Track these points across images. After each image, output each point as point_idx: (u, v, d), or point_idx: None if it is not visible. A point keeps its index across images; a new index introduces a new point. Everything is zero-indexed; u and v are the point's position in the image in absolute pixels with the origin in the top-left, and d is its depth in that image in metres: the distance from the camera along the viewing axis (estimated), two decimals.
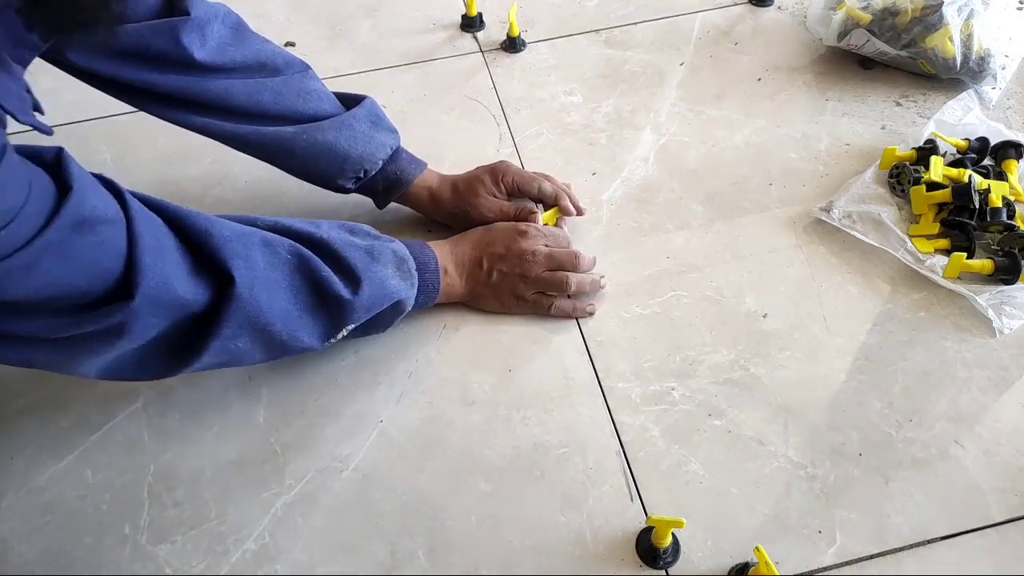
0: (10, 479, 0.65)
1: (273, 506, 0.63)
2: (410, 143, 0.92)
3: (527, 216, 0.76)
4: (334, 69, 1.02)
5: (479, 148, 0.91)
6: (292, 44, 1.07)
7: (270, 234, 0.58)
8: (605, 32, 1.06)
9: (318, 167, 0.74)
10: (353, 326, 0.63)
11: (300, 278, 0.58)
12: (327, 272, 0.59)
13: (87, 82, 0.68)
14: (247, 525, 0.62)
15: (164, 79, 0.67)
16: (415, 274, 0.67)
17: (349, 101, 0.76)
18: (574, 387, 0.69)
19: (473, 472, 0.64)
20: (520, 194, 0.78)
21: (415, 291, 0.67)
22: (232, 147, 0.73)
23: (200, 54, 0.66)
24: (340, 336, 0.63)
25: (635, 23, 1.07)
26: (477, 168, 0.79)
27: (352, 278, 0.60)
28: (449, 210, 0.79)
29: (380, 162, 0.75)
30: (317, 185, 0.77)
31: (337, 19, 1.11)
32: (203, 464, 0.65)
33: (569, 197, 0.79)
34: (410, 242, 0.69)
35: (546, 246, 0.73)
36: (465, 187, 0.78)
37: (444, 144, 0.91)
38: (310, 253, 0.59)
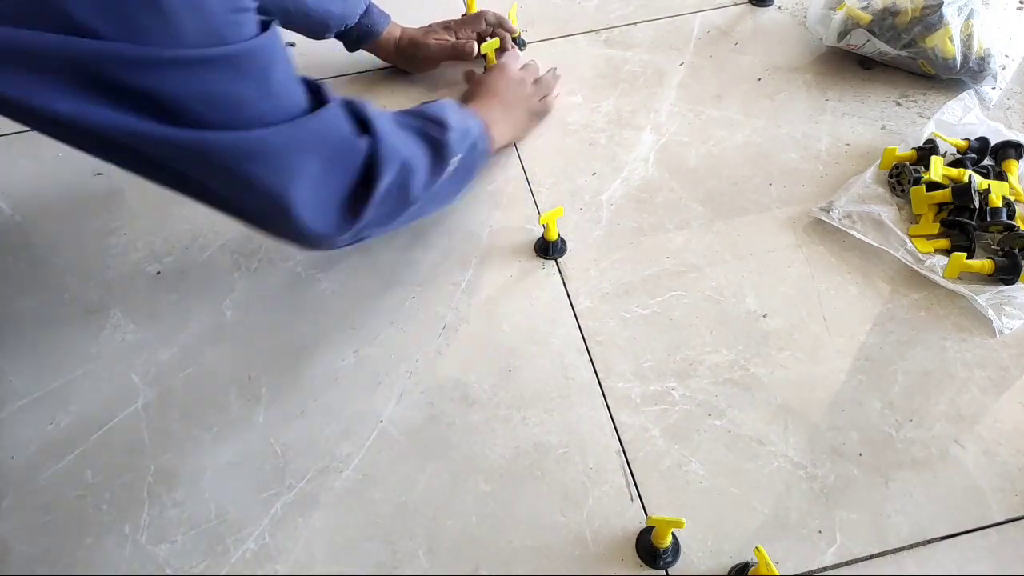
0: (10, 479, 0.65)
1: (273, 506, 0.63)
2: None
3: (464, 48, 0.95)
4: (334, 69, 1.02)
5: None
6: (292, 44, 1.07)
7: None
8: (605, 32, 1.06)
9: (307, 25, 0.89)
10: (460, 153, 0.72)
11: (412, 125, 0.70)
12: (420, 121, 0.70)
13: None
14: (247, 525, 0.62)
15: None
16: (473, 116, 0.79)
17: None
18: (574, 387, 0.69)
19: (473, 472, 0.64)
20: (474, 33, 0.97)
21: (480, 130, 0.78)
22: None
23: None
24: (452, 162, 0.71)
25: (635, 23, 1.07)
26: (431, 23, 0.98)
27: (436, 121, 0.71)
28: (407, 53, 0.97)
29: (357, 16, 0.92)
30: (299, 33, 0.91)
31: None
32: (203, 464, 0.65)
33: (505, 28, 0.98)
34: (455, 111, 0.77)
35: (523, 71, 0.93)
36: (420, 35, 0.97)
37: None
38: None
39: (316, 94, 0.58)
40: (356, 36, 0.94)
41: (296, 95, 0.56)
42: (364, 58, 1.00)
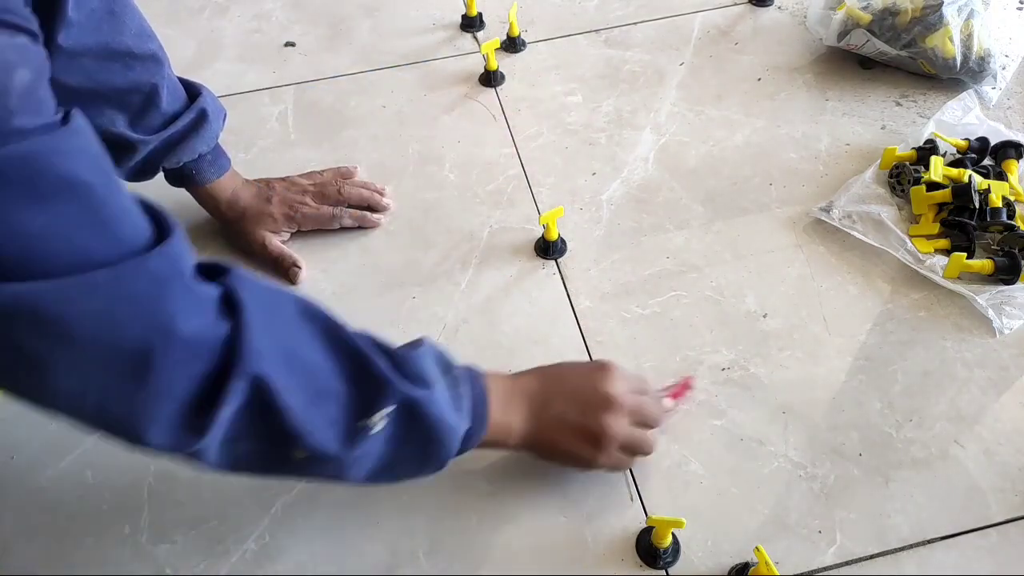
0: (10, 479, 0.65)
1: (273, 506, 0.63)
2: (410, 143, 0.92)
3: (288, 269, 0.78)
4: (334, 69, 1.02)
5: (479, 148, 0.91)
6: (292, 44, 1.07)
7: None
8: (605, 32, 1.06)
9: (138, 170, 0.73)
10: (387, 410, 0.48)
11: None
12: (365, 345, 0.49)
13: None
14: (247, 525, 0.62)
15: None
16: (466, 410, 0.54)
17: (189, 89, 0.74)
18: None
19: (473, 472, 0.64)
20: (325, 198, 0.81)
21: (463, 431, 0.54)
22: None
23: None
24: (378, 421, 0.48)
25: (635, 23, 1.07)
26: (272, 199, 0.79)
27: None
28: (226, 229, 0.81)
29: (180, 163, 0.74)
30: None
31: (337, 19, 1.11)
32: None
33: (375, 197, 0.82)
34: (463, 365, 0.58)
35: (630, 392, 0.60)
36: (254, 215, 0.79)
37: (444, 144, 0.91)
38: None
39: (160, 224, 0.42)
40: (173, 176, 0.76)
41: (122, 224, 0.40)
42: None
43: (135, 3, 0.68)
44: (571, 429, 0.58)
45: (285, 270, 0.78)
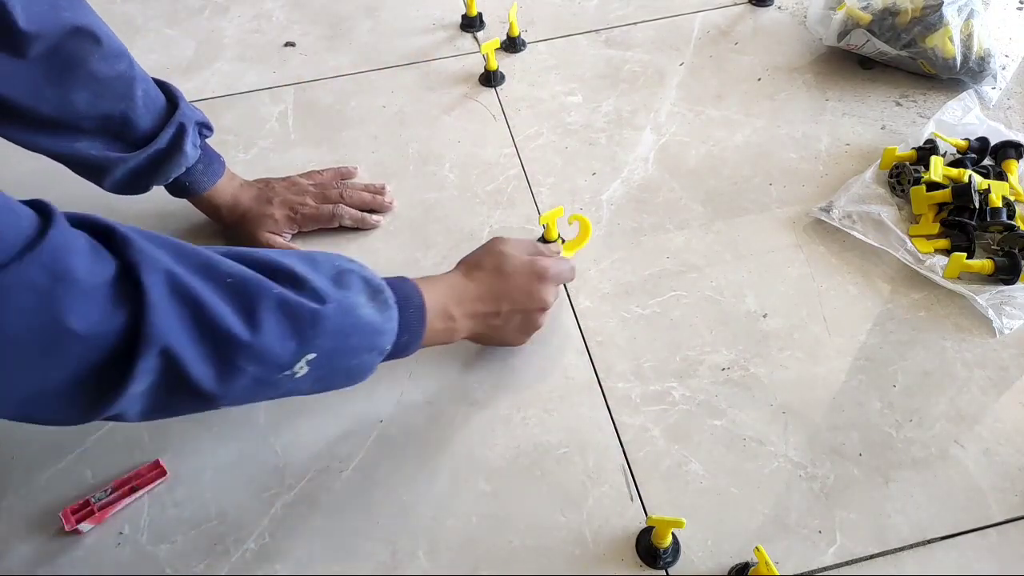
0: (10, 479, 0.65)
1: (273, 506, 0.63)
2: (410, 143, 0.92)
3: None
4: (334, 69, 1.02)
5: (479, 148, 0.91)
6: (292, 44, 1.07)
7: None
8: (605, 32, 1.06)
9: (125, 183, 0.71)
10: (314, 355, 0.50)
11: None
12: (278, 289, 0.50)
13: None
14: (247, 525, 0.62)
15: None
16: (393, 306, 0.56)
17: (170, 99, 0.72)
18: (574, 387, 0.69)
19: (473, 472, 0.64)
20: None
21: (394, 326, 0.56)
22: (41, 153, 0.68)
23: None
24: (300, 367, 0.50)
25: (635, 23, 1.07)
26: (273, 200, 0.79)
27: (316, 296, 0.51)
28: (227, 232, 0.81)
29: (172, 176, 0.73)
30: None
31: (337, 19, 1.11)
32: (203, 464, 0.65)
33: (377, 199, 0.82)
34: (389, 278, 0.60)
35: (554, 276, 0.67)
36: (254, 217, 0.78)
37: (444, 144, 0.91)
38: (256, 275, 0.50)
39: (43, 214, 0.41)
40: (171, 188, 0.75)
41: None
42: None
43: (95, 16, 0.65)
44: (515, 329, 0.67)
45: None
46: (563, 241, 0.79)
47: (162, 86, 0.72)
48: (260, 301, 0.48)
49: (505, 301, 0.65)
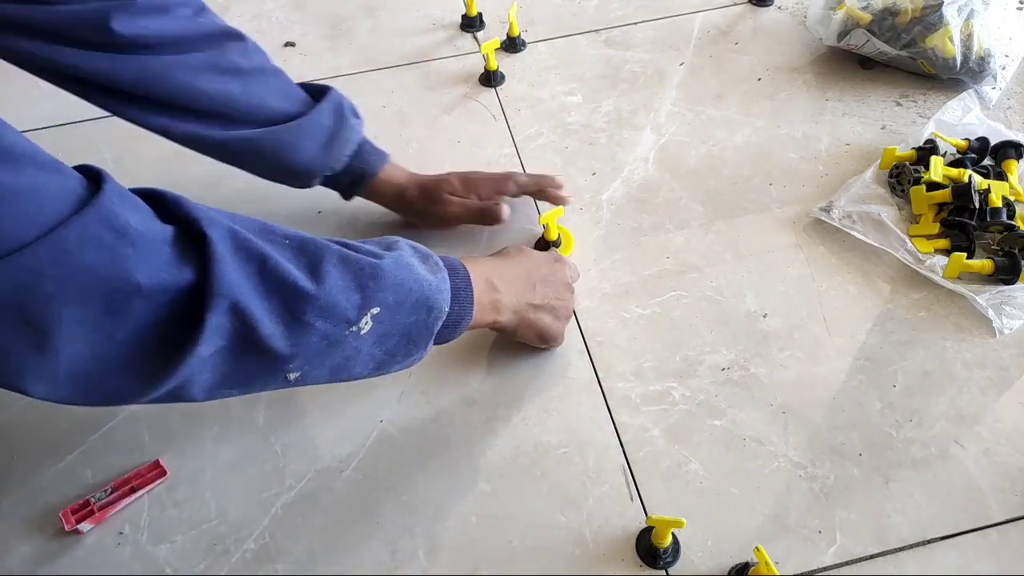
0: (10, 479, 0.65)
1: (273, 506, 0.63)
2: (410, 143, 0.92)
3: (492, 210, 0.76)
4: (334, 69, 1.02)
5: (479, 148, 0.91)
6: (292, 44, 1.07)
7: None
8: (605, 32, 1.06)
9: (283, 168, 0.73)
10: (378, 309, 0.50)
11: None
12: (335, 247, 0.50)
13: (39, 75, 0.65)
14: (247, 525, 0.62)
15: (92, 59, 0.62)
16: (444, 269, 0.56)
17: (315, 93, 0.74)
18: (574, 387, 0.69)
19: (473, 472, 0.64)
20: (494, 193, 0.78)
21: (448, 287, 0.55)
22: (195, 150, 0.71)
23: (123, 28, 0.61)
24: (365, 322, 0.49)
25: (635, 23, 1.07)
26: (449, 172, 0.80)
27: (372, 254, 0.52)
28: (413, 207, 0.79)
29: (346, 159, 0.75)
30: (281, 183, 0.76)
31: (337, 19, 1.11)
32: (203, 464, 0.65)
33: (553, 179, 0.79)
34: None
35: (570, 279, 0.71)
36: (432, 187, 0.78)
37: (444, 144, 0.91)
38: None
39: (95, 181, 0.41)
40: (347, 182, 0.77)
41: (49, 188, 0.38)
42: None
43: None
44: (551, 313, 0.67)
45: (494, 216, 0.77)
46: (553, 246, 0.79)
47: (307, 84, 0.75)
48: (322, 256, 0.48)
49: (539, 283, 0.66)
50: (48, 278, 0.37)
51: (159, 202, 0.45)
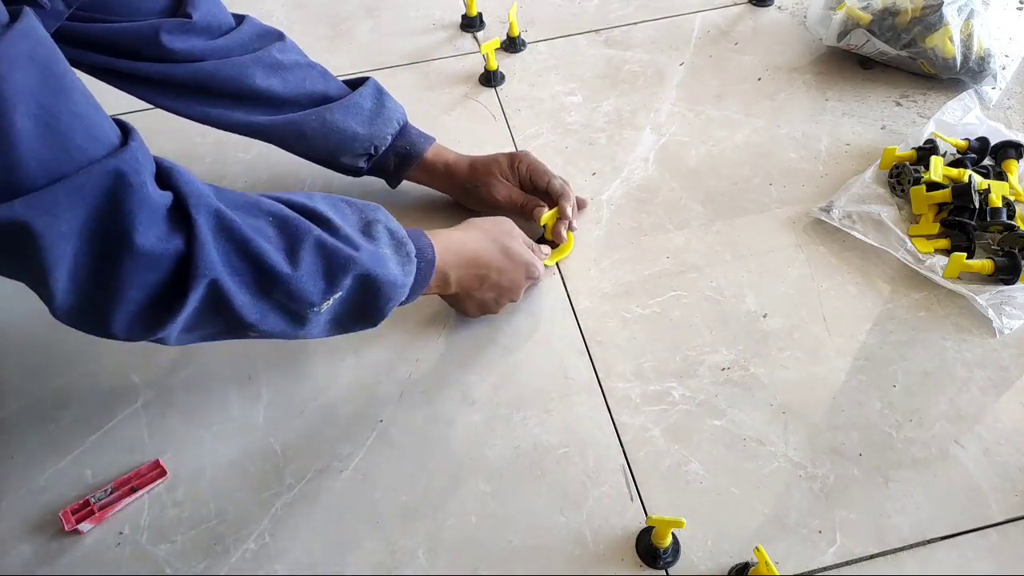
0: (10, 479, 0.65)
1: (273, 506, 0.63)
2: None
3: (532, 210, 0.77)
4: (334, 69, 1.01)
5: (479, 148, 0.91)
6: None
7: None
8: (605, 32, 1.06)
9: (328, 148, 0.75)
10: (340, 294, 0.54)
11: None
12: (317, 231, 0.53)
13: (95, 75, 0.69)
14: (247, 525, 0.62)
15: (144, 68, 0.68)
16: (413, 260, 0.59)
17: (353, 83, 0.78)
18: (574, 387, 0.69)
19: (473, 472, 0.64)
20: (531, 184, 0.79)
21: (412, 280, 0.59)
22: (243, 135, 0.75)
23: (173, 44, 0.68)
24: (326, 305, 0.53)
25: (635, 23, 1.07)
26: (497, 153, 0.81)
27: (350, 243, 0.54)
28: (462, 184, 0.80)
29: (389, 137, 0.77)
30: (328, 167, 0.79)
31: (337, 19, 1.11)
32: (203, 464, 0.65)
33: (572, 201, 0.79)
34: (409, 229, 0.62)
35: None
36: (482, 166, 0.80)
37: (444, 144, 0.91)
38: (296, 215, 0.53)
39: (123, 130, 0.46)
40: (394, 163, 0.79)
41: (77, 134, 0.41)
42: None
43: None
44: (477, 301, 0.70)
45: (529, 210, 0.78)
46: (554, 246, 0.79)
47: (350, 80, 0.79)
48: (301, 239, 0.51)
49: (494, 273, 0.68)
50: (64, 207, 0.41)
51: (156, 167, 0.48)
